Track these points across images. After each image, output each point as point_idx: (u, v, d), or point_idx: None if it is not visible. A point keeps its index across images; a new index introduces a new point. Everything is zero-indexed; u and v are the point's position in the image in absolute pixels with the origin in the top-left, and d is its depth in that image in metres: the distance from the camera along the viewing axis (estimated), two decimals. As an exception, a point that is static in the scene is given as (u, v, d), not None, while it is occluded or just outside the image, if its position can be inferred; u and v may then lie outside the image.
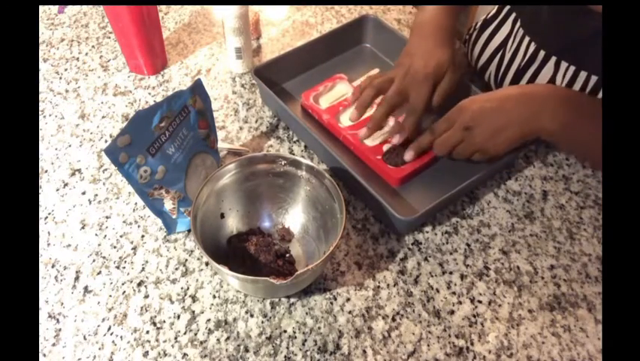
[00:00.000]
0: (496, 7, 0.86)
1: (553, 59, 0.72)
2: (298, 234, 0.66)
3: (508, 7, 0.82)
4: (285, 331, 0.58)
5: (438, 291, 0.62)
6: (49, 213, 0.69)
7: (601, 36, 0.62)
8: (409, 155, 0.69)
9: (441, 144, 0.66)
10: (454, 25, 0.72)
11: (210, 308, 0.60)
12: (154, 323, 0.59)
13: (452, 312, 0.60)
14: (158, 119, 0.58)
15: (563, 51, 0.71)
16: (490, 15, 0.86)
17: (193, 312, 0.60)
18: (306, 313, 0.60)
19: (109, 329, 0.58)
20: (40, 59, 0.91)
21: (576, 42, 0.69)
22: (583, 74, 0.69)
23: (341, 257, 0.65)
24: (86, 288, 0.62)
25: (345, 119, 0.77)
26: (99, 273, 0.63)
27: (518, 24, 0.78)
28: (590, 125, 0.58)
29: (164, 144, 0.60)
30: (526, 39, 0.76)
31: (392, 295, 0.61)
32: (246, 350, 0.57)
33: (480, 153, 0.65)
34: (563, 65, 0.71)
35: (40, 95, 0.84)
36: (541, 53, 0.73)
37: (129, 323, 0.59)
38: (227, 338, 0.58)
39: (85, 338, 0.58)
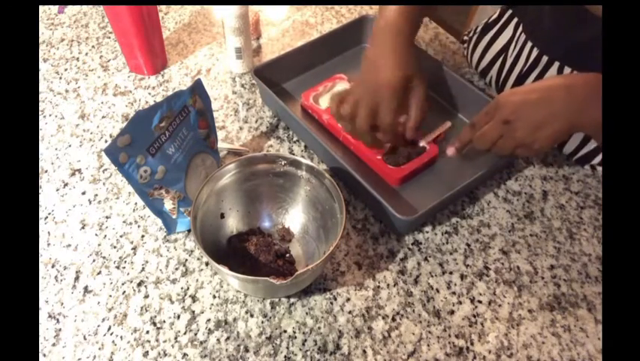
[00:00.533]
0: (498, 11, 0.86)
1: (556, 64, 0.72)
2: (298, 234, 0.66)
3: (509, 12, 0.82)
4: (285, 331, 0.58)
5: (438, 291, 0.62)
6: (49, 213, 0.69)
7: (601, 40, 0.61)
8: (450, 151, 0.66)
9: (480, 139, 0.62)
10: (416, 26, 0.68)
11: (210, 308, 0.60)
12: (154, 323, 0.59)
13: (452, 312, 0.60)
14: (158, 119, 0.58)
15: (566, 56, 0.70)
16: (491, 19, 0.86)
17: (193, 312, 0.60)
18: (306, 314, 0.60)
19: (109, 329, 0.58)
20: (40, 59, 0.91)
21: (579, 47, 0.68)
22: None
23: (341, 257, 0.65)
24: (86, 288, 0.62)
25: (345, 119, 0.77)
26: (99, 273, 0.63)
27: (520, 29, 0.78)
28: None
29: (164, 144, 0.60)
30: (529, 44, 0.76)
31: (392, 295, 0.61)
32: (246, 350, 0.57)
33: (523, 149, 0.60)
34: (567, 70, 0.71)
35: (40, 95, 0.84)
36: (544, 59, 0.73)
37: (129, 323, 0.59)
38: (227, 338, 0.58)
39: (85, 338, 0.58)
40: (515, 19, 0.80)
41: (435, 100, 0.82)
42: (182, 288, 0.62)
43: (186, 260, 0.64)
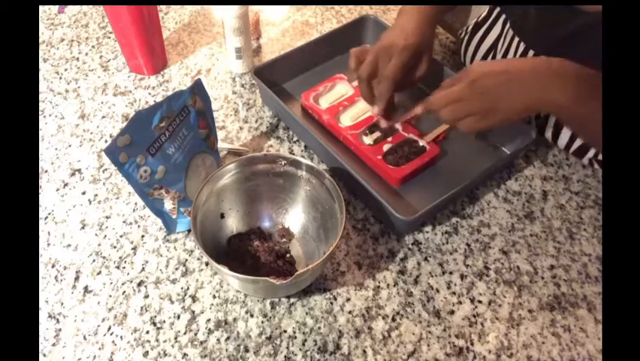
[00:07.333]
0: (487, 9, 0.87)
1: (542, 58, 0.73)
2: (298, 234, 0.66)
3: (498, 10, 0.83)
4: (285, 331, 0.58)
5: (438, 291, 0.62)
6: (49, 213, 0.69)
7: (585, 33, 0.64)
8: (418, 108, 0.66)
9: (441, 98, 0.62)
10: (438, 13, 0.72)
11: (210, 308, 0.60)
12: (154, 323, 0.59)
13: (452, 312, 0.60)
14: (158, 119, 0.58)
15: (550, 50, 0.72)
16: (481, 18, 0.87)
17: (193, 312, 0.60)
18: (306, 314, 0.60)
19: (109, 329, 0.58)
20: (40, 59, 0.91)
21: (562, 40, 0.70)
22: None
23: (341, 257, 0.65)
24: (86, 288, 0.62)
25: (345, 119, 0.77)
26: (99, 273, 0.63)
27: (508, 25, 0.79)
28: (599, 104, 0.57)
29: (164, 144, 0.60)
30: (516, 40, 0.77)
31: (392, 295, 0.61)
32: (246, 350, 0.57)
33: (478, 118, 0.60)
34: None
35: (40, 95, 0.84)
36: (531, 53, 0.74)
37: (129, 323, 0.59)
38: (227, 338, 0.58)
39: (85, 338, 0.58)
40: (503, 16, 0.81)
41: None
42: (182, 288, 0.62)
43: (186, 260, 0.64)
